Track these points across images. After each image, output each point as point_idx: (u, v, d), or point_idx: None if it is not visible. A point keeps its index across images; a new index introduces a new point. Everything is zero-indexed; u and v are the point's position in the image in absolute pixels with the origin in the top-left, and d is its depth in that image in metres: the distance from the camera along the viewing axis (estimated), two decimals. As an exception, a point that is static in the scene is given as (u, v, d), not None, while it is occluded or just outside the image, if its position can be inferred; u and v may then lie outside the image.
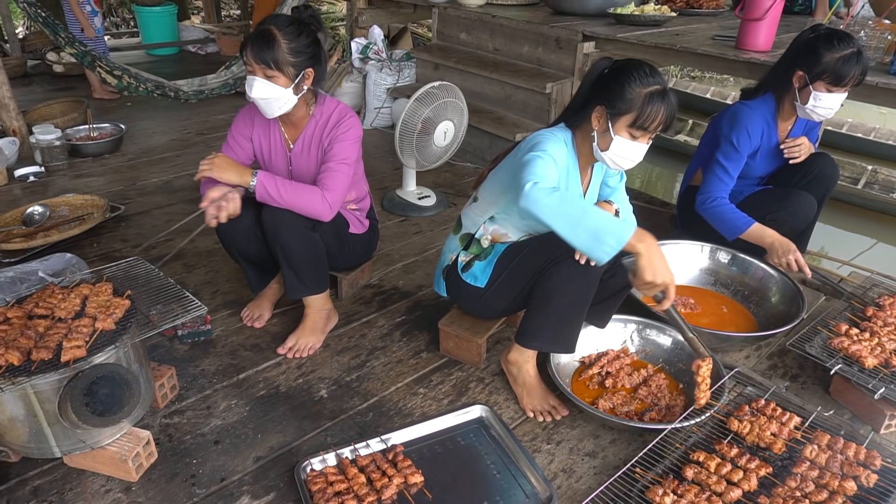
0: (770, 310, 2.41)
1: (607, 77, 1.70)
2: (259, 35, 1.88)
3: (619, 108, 1.66)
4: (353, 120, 2.10)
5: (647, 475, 1.60)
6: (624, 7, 3.84)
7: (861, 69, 2.20)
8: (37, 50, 6.11)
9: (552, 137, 1.76)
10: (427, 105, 2.95)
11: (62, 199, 3.06)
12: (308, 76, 1.97)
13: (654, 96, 1.63)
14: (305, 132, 2.10)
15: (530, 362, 1.97)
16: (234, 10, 9.83)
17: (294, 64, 1.91)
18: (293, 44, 1.90)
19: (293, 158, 2.13)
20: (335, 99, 2.15)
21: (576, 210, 1.49)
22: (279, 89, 1.92)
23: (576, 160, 1.83)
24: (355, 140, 2.10)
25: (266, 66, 1.88)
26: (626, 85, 1.64)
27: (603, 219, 1.49)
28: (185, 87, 4.31)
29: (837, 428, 1.75)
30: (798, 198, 2.46)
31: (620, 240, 1.47)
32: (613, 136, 1.69)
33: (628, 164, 1.74)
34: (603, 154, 1.73)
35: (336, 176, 2.03)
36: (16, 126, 3.77)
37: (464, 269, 1.98)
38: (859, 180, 5.11)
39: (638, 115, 1.64)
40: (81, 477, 1.67)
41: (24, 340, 1.51)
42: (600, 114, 1.70)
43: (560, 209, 1.49)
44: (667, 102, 1.65)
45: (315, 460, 1.69)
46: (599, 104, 1.70)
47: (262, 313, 2.33)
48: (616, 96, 1.65)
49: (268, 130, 2.14)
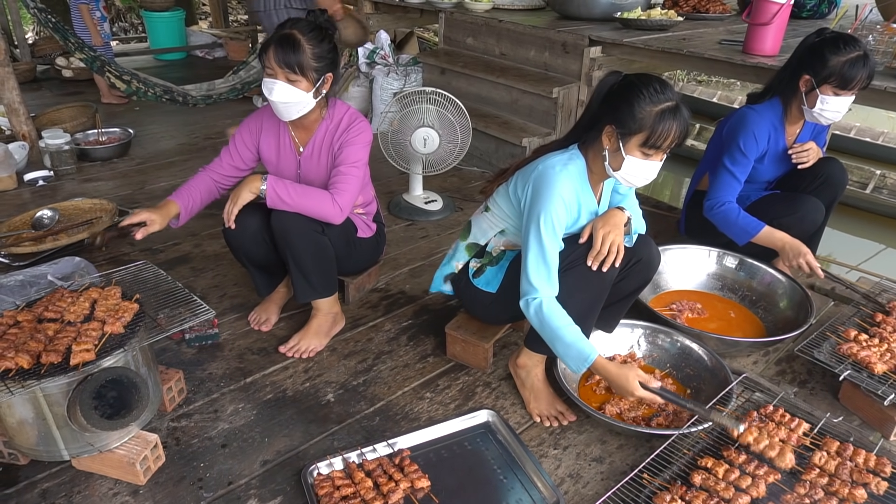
0: (778, 315, 2.39)
1: (616, 95, 1.65)
2: (283, 39, 1.88)
3: (630, 128, 1.61)
4: (363, 124, 2.11)
5: (655, 481, 1.59)
6: (630, 11, 3.84)
7: (868, 72, 2.19)
8: (46, 55, 6.16)
9: (563, 174, 1.71)
10: (406, 107, 2.95)
11: (71, 204, 3.08)
12: (328, 80, 1.99)
13: (666, 114, 1.59)
14: (315, 136, 2.11)
15: (539, 366, 1.97)
16: (242, 15, 9.88)
17: (316, 69, 1.92)
18: (317, 49, 1.91)
19: (302, 162, 2.14)
20: (346, 103, 2.16)
21: (548, 335, 1.73)
22: (301, 93, 1.93)
23: (587, 183, 1.80)
24: (366, 144, 2.11)
25: (290, 71, 1.89)
26: (636, 104, 1.59)
27: (564, 347, 1.70)
28: (193, 92, 4.34)
29: (847, 434, 1.74)
30: (805, 203, 2.45)
31: (578, 368, 1.71)
32: (625, 156, 1.65)
33: (642, 181, 1.71)
34: (615, 173, 1.71)
35: (347, 179, 2.04)
36: (25, 130, 3.80)
37: (475, 275, 1.98)
38: (867, 185, 5.09)
39: (650, 133, 1.60)
40: (89, 480, 1.68)
41: (33, 344, 1.51)
42: (611, 133, 1.66)
43: (540, 330, 1.75)
44: (679, 119, 1.60)
45: (322, 464, 1.69)
46: (609, 124, 1.65)
47: (270, 317, 2.33)
48: (626, 115, 1.60)
49: (277, 134, 2.14)
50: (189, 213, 2.07)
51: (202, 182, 2.13)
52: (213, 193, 2.16)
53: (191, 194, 2.08)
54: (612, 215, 1.77)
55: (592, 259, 1.73)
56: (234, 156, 2.16)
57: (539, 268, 1.70)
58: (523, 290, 1.74)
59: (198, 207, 2.11)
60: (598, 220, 1.77)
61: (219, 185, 2.17)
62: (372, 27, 4.96)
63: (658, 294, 2.55)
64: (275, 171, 2.19)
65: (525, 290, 1.74)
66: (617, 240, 1.73)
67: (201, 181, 2.13)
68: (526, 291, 1.74)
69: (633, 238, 1.84)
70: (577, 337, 1.68)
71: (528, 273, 1.72)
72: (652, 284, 2.47)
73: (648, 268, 1.89)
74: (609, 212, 1.79)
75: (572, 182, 1.73)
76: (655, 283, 2.53)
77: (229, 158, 2.16)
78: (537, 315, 1.72)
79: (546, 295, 1.71)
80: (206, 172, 2.15)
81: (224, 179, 2.17)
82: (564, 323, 1.69)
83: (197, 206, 2.10)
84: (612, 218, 1.76)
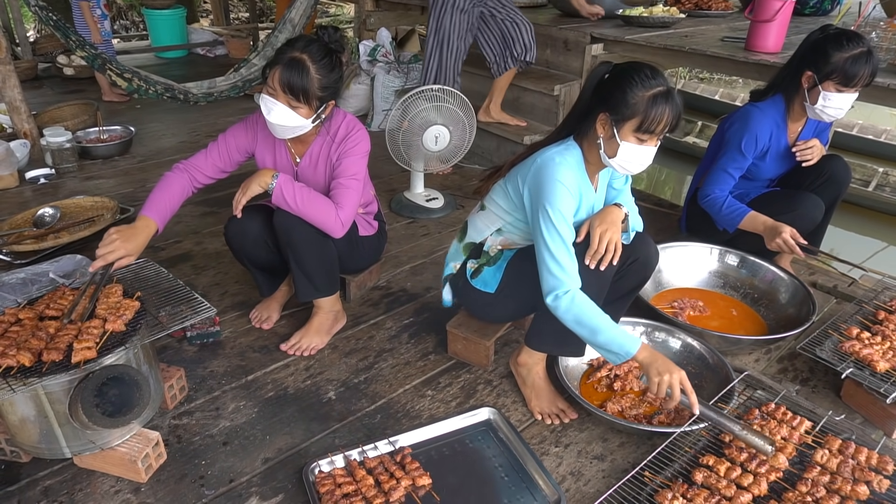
0: (780, 313, 2.39)
1: (608, 83, 1.67)
2: (291, 63, 1.81)
3: (623, 114, 1.62)
4: (360, 133, 2.07)
5: (656, 479, 1.59)
6: (632, 9, 3.83)
7: (871, 69, 2.18)
8: (47, 53, 6.16)
9: (563, 164, 1.71)
10: (417, 106, 2.95)
11: (73, 202, 3.08)
12: (329, 107, 1.96)
13: (658, 98, 1.60)
14: (313, 147, 2.08)
15: (540, 364, 1.97)
16: (243, 13, 9.88)
17: (320, 98, 1.88)
18: (324, 80, 1.86)
19: (300, 173, 2.11)
20: (342, 110, 2.11)
21: (588, 328, 1.65)
22: (300, 119, 1.88)
23: (585, 172, 1.80)
24: (363, 154, 2.08)
25: (293, 97, 1.83)
26: (628, 90, 1.61)
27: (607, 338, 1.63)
28: (195, 90, 4.33)
29: (849, 432, 1.74)
30: (804, 200, 2.45)
31: (627, 354, 1.63)
32: (620, 142, 1.65)
33: (638, 168, 1.71)
34: (611, 160, 1.71)
35: (347, 193, 2.01)
36: (27, 128, 3.80)
37: (473, 276, 1.98)
38: (870, 182, 5.07)
39: (643, 118, 1.61)
40: (91, 477, 1.68)
41: (35, 341, 1.52)
42: (604, 121, 1.67)
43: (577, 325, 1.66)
44: (671, 103, 1.61)
45: (323, 462, 1.69)
46: (603, 111, 1.66)
47: (271, 315, 2.33)
48: (619, 102, 1.62)
49: (272, 145, 2.10)
50: (165, 223, 1.95)
51: (177, 184, 1.99)
52: (186, 194, 2.03)
53: (164, 206, 1.94)
54: (608, 213, 1.77)
55: (590, 258, 1.72)
56: (222, 154, 2.07)
57: (560, 258, 1.66)
58: (549, 286, 1.67)
59: (173, 212, 1.98)
60: (595, 219, 1.76)
61: (195, 184, 2.06)
62: (373, 25, 4.96)
63: (660, 292, 2.54)
64: None
65: (551, 285, 1.66)
66: (614, 238, 1.73)
67: (176, 184, 1.99)
68: (553, 287, 1.66)
69: (630, 235, 1.84)
70: (616, 325, 1.66)
71: (550, 267, 1.66)
72: (653, 282, 2.47)
73: (646, 266, 1.89)
74: (606, 209, 1.79)
75: (572, 171, 1.73)
76: (657, 281, 2.53)
77: (216, 159, 2.07)
78: (570, 310, 1.64)
79: (574, 286, 1.66)
80: (183, 172, 2.03)
81: (204, 179, 2.07)
82: (599, 312, 1.65)
83: (172, 213, 1.98)
84: (609, 215, 1.76)
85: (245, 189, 1.95)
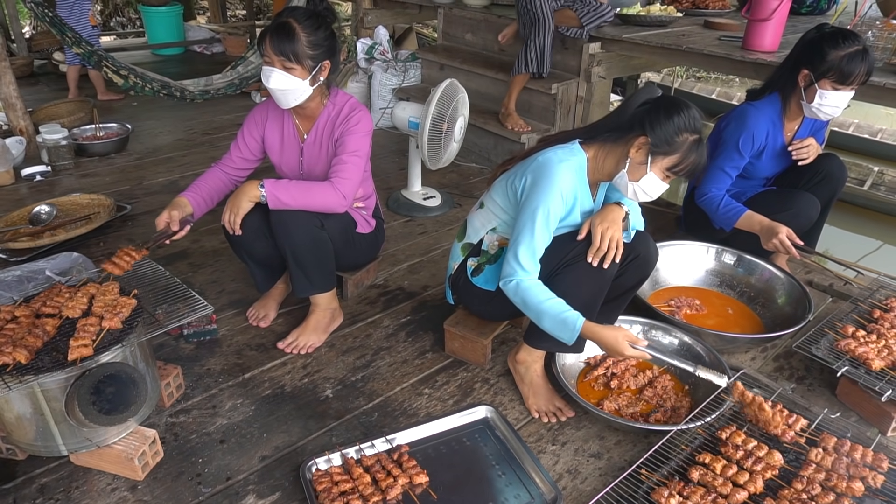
0: (776, 311, 2.40)
1: (656, 111, 1.65)
2: (278, 27, 1.90)
3: (664, 150, 1.64)
4: (363, 113, 2.11)
5: (653, 477, 1.60)
6: (630, 8, 3.84)
7: (866, 67, 2.19)
8: (43, 50, 6.13)
9: (562, 167, 1.72)
10: (448, 105, 2.95)
11: (69, 199, 3.07)
12: (325, 68, 2.00)
13: (695, 145, 1.65)
14: (318, 123, 2.12)
15: (538, 362, 1.97)
16: (240, 11, 9.86)
17: (312, 56, 1.93)
18: (312, 37, 1.92)
19: (305, 149, 2.15)
20: (347, 93, 2.17)
21: (533, 312, 1.73)
22: (297, 80, 1.93)
23: (585, 179, 1.80)
24: (366, 133, 2.11)
25: (285, 59, 1.90)
26: (676, 128, 1.62)
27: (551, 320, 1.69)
28: (191, 87, 4.32)
29: (844, 430, 1.75)
30: (800, 199, 2.46)
31: (570, 337, 1.69)
32: (648, 171, 1.67)
33: (648, 199, 1.74)
34: (631, 183, 1.72)
35: (347, 167, 2.04)
36: (23, 125, 3.78)
37: (473, 274, 1.98)
38: (865, 181, 5.09)
39: (680, 160, 1.65)
40: (88, 475, 1.68)
41: (31, 339, 1.51)
42: (642, 146, 1.67)
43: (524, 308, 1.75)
44: (701, 153, 1.66)
45: (320, 460, 1.69)
46: (644, 135, 1.66)
47: (268, 313, 2.33)
48: (664, 134, 1.63)
49: (281, 123, 2.16)
50: (201, 210, 2.09)
51: (213, 177, 2.16)
52: (227, 185, 2.19)
53: (200, 192, 2.10)
54: (610, 211, 1.77)
55: (592, 255, 1.73)
56: (242, 148, 2.19)
57: (525, 254, 1.72)
58: (506, 271, 1.75)
59: (213, 201, 2.14)
60: (597, 217, 1.77)
61: (232, 177, 2.20)
62: (370, 23, 4.95)
63: (657, 290, 2.55)
64: (278, 160, 2.20)
65: (508, 271, 1.75)
66: (616, 236, 1.74)
67: (213, 176, 2.16)
68: (509, 273, 1.74)
69: (631, 234, 1.85)
70: (562, 307, 1.69)
71: (517, 255, 1.72)
72: (650, 280, 2.47)
73: (646, 264, 1.89)
74: (607, 207, 1.79)
75: (572, 176, 1.74)
76: (654, 280, 2.53)
77: (238, 151, 2.19)
78: (517, 293, 1.73)
79: (527, 276, 1.73)
80: (217, 167, 2.19)
81: (236, 172, 2.20)
82: (546, 297, 1.70)
83: (209, 202, 2.12)
84: (611, 214, 1.76)
85: (235, 208, 1.97)
